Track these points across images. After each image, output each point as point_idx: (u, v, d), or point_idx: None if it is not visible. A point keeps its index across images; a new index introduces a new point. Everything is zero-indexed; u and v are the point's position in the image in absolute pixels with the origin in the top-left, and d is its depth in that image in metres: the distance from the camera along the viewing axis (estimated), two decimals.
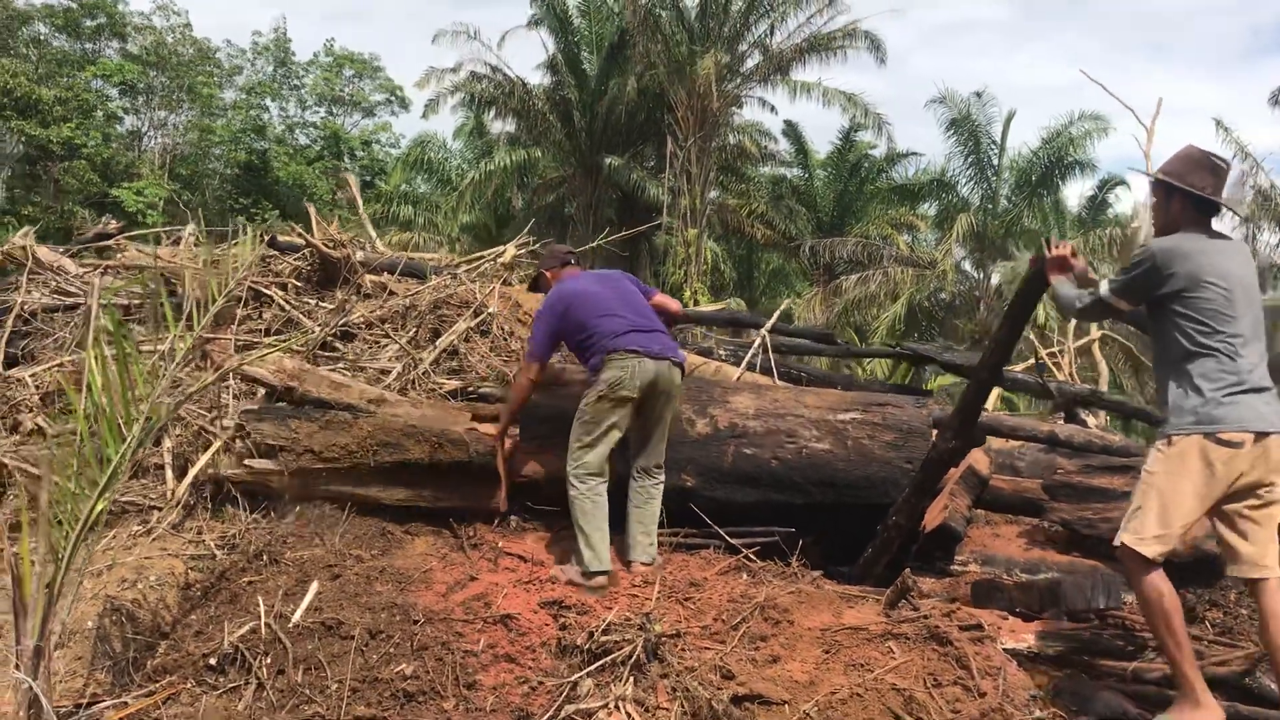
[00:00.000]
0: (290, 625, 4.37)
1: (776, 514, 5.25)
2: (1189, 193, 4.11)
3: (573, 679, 4.08)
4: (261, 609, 4.42)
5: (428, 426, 5.20)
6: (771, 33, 29.02)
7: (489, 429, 5.30)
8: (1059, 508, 5.34)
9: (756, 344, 6.76)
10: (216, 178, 39.60)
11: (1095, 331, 9.25)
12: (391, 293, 7.17)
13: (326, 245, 6.90)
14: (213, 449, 5.59)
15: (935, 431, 5.09)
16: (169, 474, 5.68)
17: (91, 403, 3.93)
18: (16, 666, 3.64)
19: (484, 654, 4.31)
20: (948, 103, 29.98)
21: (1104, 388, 8.24)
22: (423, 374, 6.27)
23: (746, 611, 4.52)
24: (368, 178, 41.45)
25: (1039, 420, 6.51)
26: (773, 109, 31.79)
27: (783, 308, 7.73)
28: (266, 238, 7.62)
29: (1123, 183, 32.97)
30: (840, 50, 28.67)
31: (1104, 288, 4.22)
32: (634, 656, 4.15)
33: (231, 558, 5.05)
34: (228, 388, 5.92)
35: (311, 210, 7.53)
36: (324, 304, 6.85)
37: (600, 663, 4.12)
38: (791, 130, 34.31)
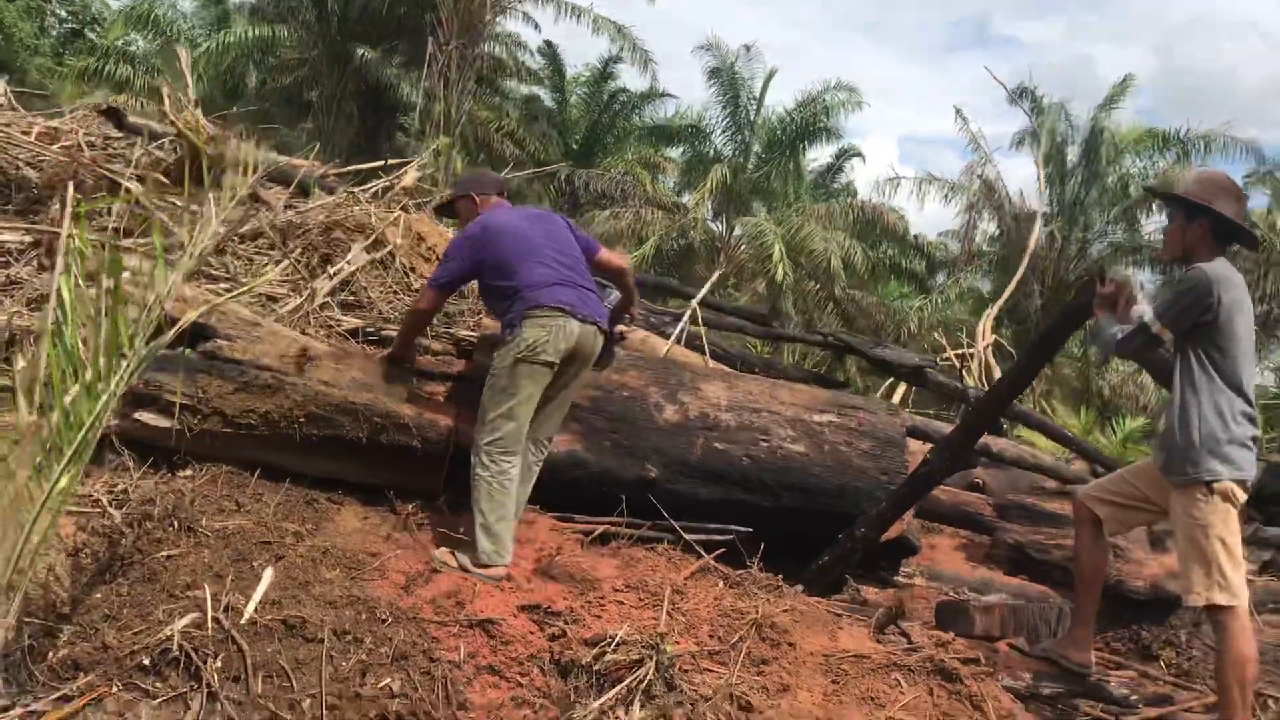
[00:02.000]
0: (243, 620, 3.67)
1: (734, 513, 4.92)
2: (1218, 218, 4.02)
3: (597, 705, 3.63)
4: (208, 599, 3.69)
5: (370, 405, 4.51)
6: None
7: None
8: (1011, 528, 5.31)
9: (686, 316, 6.37)
10: None
11: (990, 336, 9.43)
12: (261, 201, 6.25)
13: (200, 138, 5.91)
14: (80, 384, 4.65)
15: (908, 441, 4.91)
16: (21, 401, 4.68)
17: (61, 345, 3.09)
18: None
19: (466, 665, 3.79)
20: (713, 50, 30.07)
21: None
22: (319, 307, 5.49)
23: (743, 629, 4.19)
24: (76, 26, 37.50)
25: None
26: (536, 26, 30.94)
27: (715, 277, 7.35)
28: (101, 108, 6.49)
29: (859, 154, 34.28)
30: None
31: (1147, 315, 4.06)
32: (646, 680, 3.76)
33: (128, 518, 4.21)
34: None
35: (165, 89, 6.43)
36: (191, 207, 5.86)
37: (616, 689, 3.70)
38: (550, 51, 33.51)
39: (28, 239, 5.37)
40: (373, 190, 6.53)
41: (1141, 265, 29.21)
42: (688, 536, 4.85)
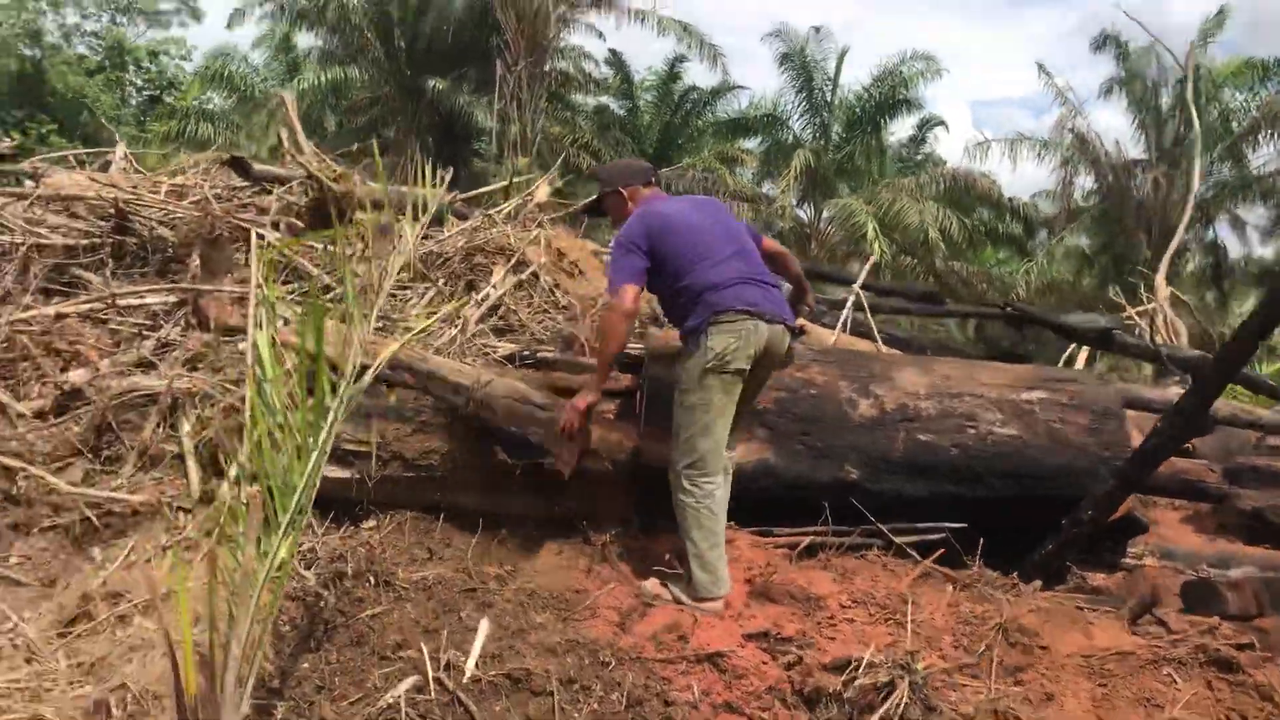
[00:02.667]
0: (465, 679, 3.41)
1: (942, 508, 4.56)
2: None
3: None
4: (425, 658, 3.44)
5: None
6: None
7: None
8: (1245, 494, 4.87)
9: (850, 301, 6.03)
10: None
11: (1167, 289, 8.89)
12: (399, 235, 6.06)
13: (328, 177, 5.72)
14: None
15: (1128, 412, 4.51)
16: (191, 466, 4.51)
17: (265, 404, 2.86)
18: None
19: (703, 705, 3.49)
20: (782, 36, 29.71)
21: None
22: (471, 336, 5.25)
23: (989, 636, 3.84)
24: (154, 92, 38.46)
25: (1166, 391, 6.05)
26: (600, 35, 30.92)
27: (871, 262, 7.01)
28: (224, 158, 6.35)
29: (942, 123, 33.43)
30: None
31: None
32: (902, 704, 3.42)
33: (322, 578, 3.99)
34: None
35: (296, 128, 6.26)
36: (332, 249, 5.68)
37: (873, 717, 3.37)
38: (616, 59, 33.38)
39: (172, 299, 5.22)
40: (506, 211, 6.28)
41: (1253, 201, 28.14)
42: (898, 540, 4.50)
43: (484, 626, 3.58)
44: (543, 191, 6.50)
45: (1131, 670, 3.73)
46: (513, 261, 5.62)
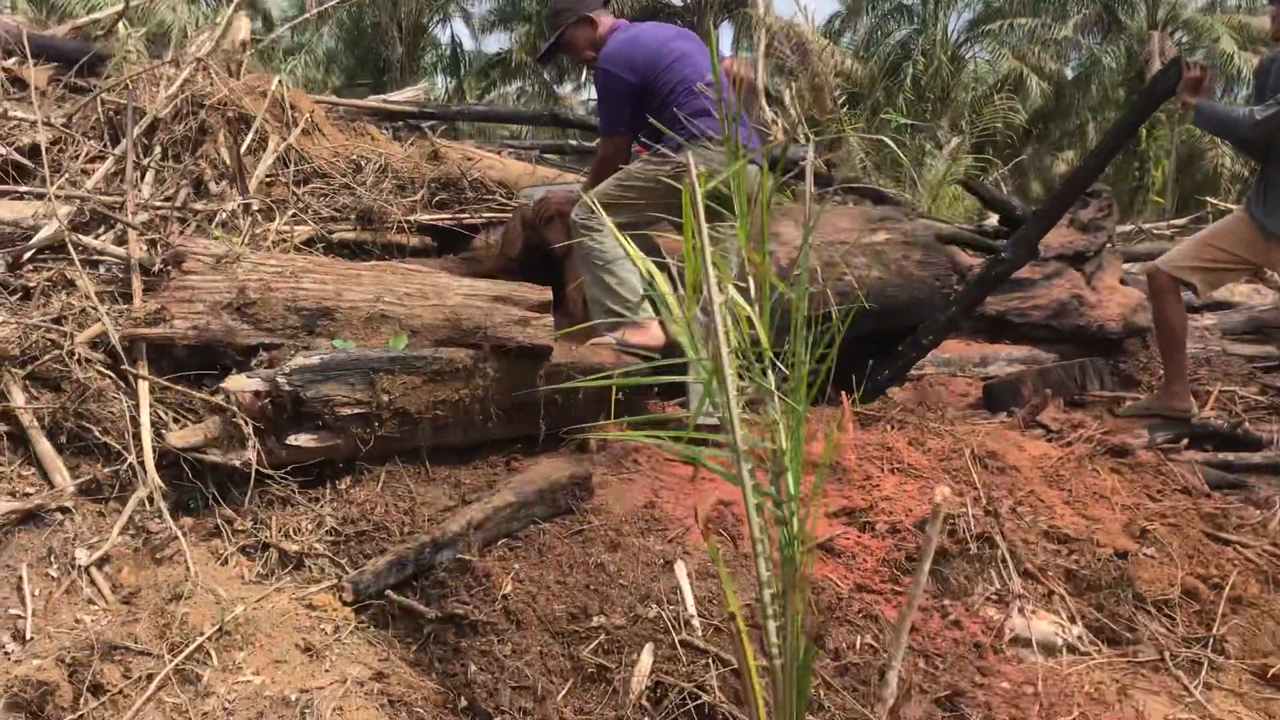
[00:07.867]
0: None
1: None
2: None
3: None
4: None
5: None
6: None
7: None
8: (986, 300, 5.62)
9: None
10: None
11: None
12: (35, 84, 4.45)
13: None
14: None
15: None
16: (46, 448, 3.18)
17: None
18: None
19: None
20: None
21: None
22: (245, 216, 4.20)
23: (975, 468, 4.17)
24: None
25: None
26: None
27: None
28: None
29: None
30: None
31: None
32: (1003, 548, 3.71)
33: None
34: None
35: None
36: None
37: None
38: None
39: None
40: (206, 54, 4.82)
41: None
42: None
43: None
44: (244, 27, 5.07)
45: (1071, 472, 4.32)
46: (254, 125, 4.46)
